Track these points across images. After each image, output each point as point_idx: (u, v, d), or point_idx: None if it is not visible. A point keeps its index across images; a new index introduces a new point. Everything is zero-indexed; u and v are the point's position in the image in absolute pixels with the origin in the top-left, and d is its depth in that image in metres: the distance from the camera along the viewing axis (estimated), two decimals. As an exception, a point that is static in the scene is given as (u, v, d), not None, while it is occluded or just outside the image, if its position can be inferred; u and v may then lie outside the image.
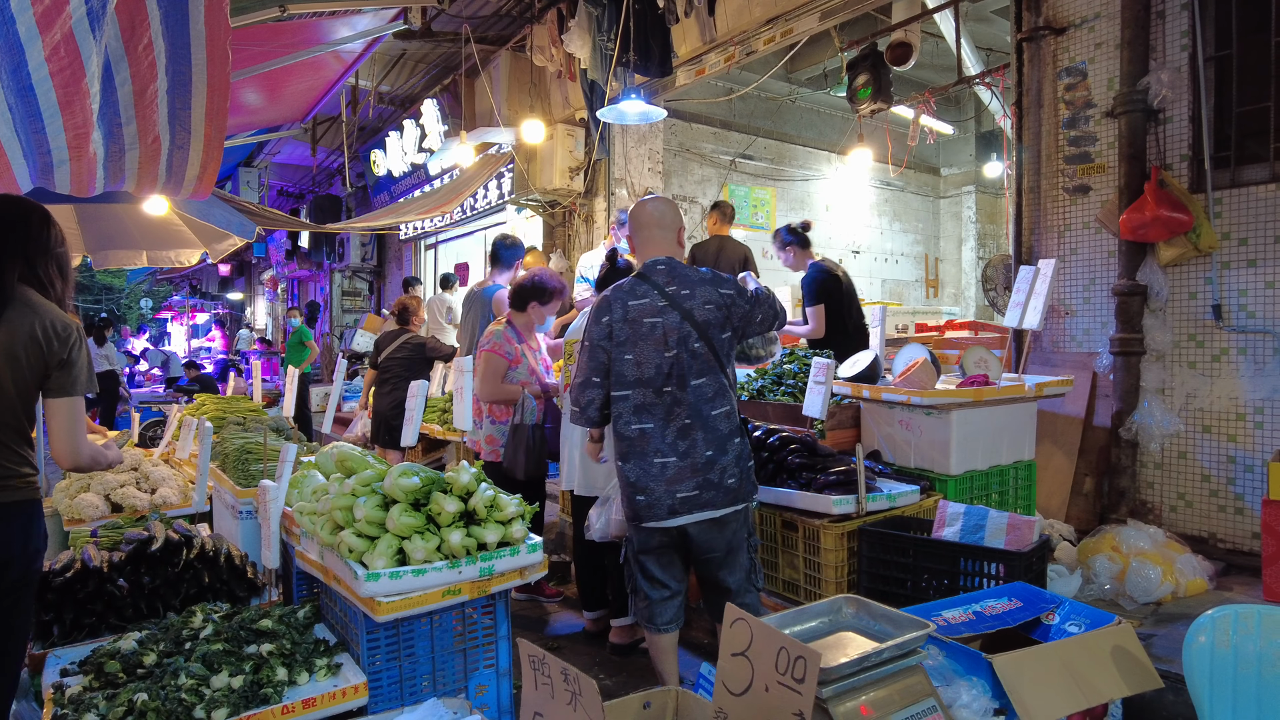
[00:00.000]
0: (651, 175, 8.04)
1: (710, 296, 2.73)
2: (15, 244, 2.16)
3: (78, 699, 2.02)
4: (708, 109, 8.67)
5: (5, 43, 1.94)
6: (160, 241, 5.69)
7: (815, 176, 10.26)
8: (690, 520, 2.70)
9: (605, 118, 5.88)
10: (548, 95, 8.18)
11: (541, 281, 4.15)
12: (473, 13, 8.04)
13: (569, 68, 7.36)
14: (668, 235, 2.87)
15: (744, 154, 9.46)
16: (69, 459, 2.15)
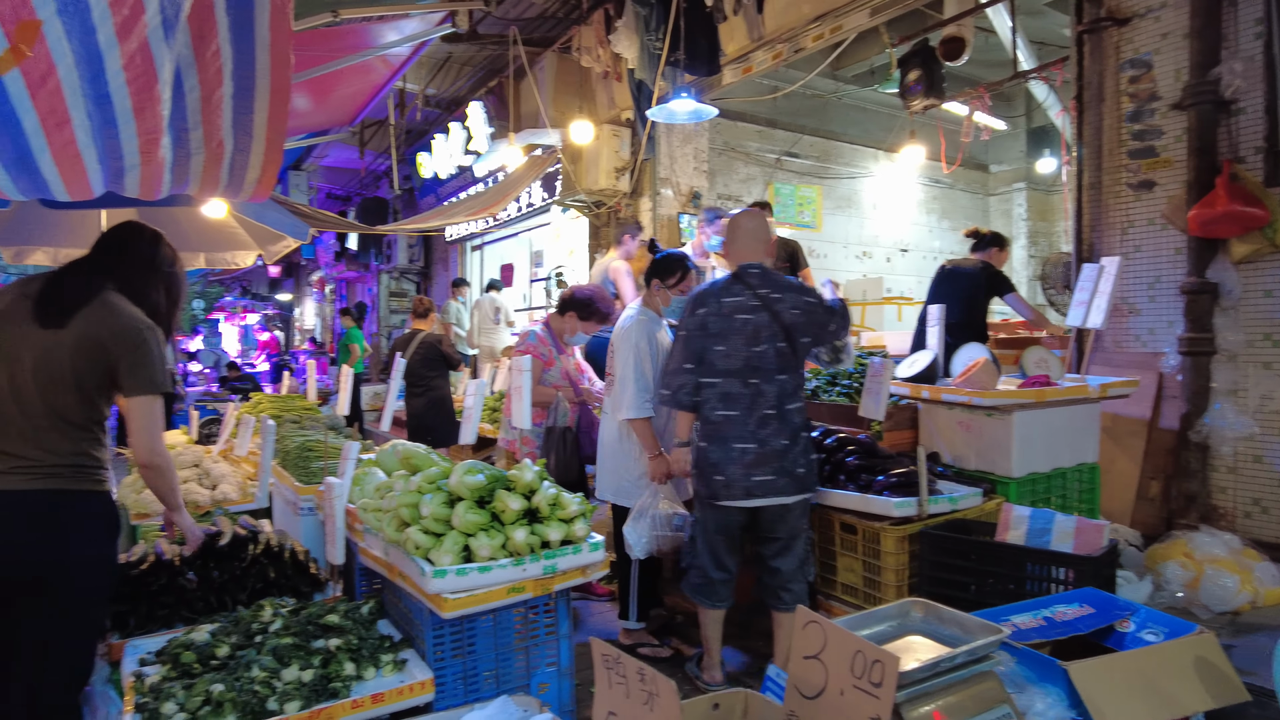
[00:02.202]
0: (697, 174, 8.01)
1: (796, 302, 3.02)
2: (114, 260, 2.34)
3: (157, 688, 2.07)
4: (752, 107, 8.62)
5: (86, 52, 1.99)
6: (217, 243, 5.82)
7: (862, 174, 10.15)
8: (763, 503, 2.99)
9: (655, 117, 5.87)
10: (593, 96, 8.21)
11: (590, 299, 4.14)
12: (519, 15, 8.09)
13: (615, 68, 7.37)
14: (760, 246, 3.17)
15: (789, 152, 9.39)
16: (143, 455, 2.22)
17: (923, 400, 3.80)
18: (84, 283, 2.23)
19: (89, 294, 2.20)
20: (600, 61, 7.40)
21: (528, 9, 8.04)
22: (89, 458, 2.19)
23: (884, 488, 3.20)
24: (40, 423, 2.11)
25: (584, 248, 8.68)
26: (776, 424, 3.00)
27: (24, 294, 2.20)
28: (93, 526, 2.18)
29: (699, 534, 3.17)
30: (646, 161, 7.73)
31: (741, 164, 9.05)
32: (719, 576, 3.14)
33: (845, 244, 10.03)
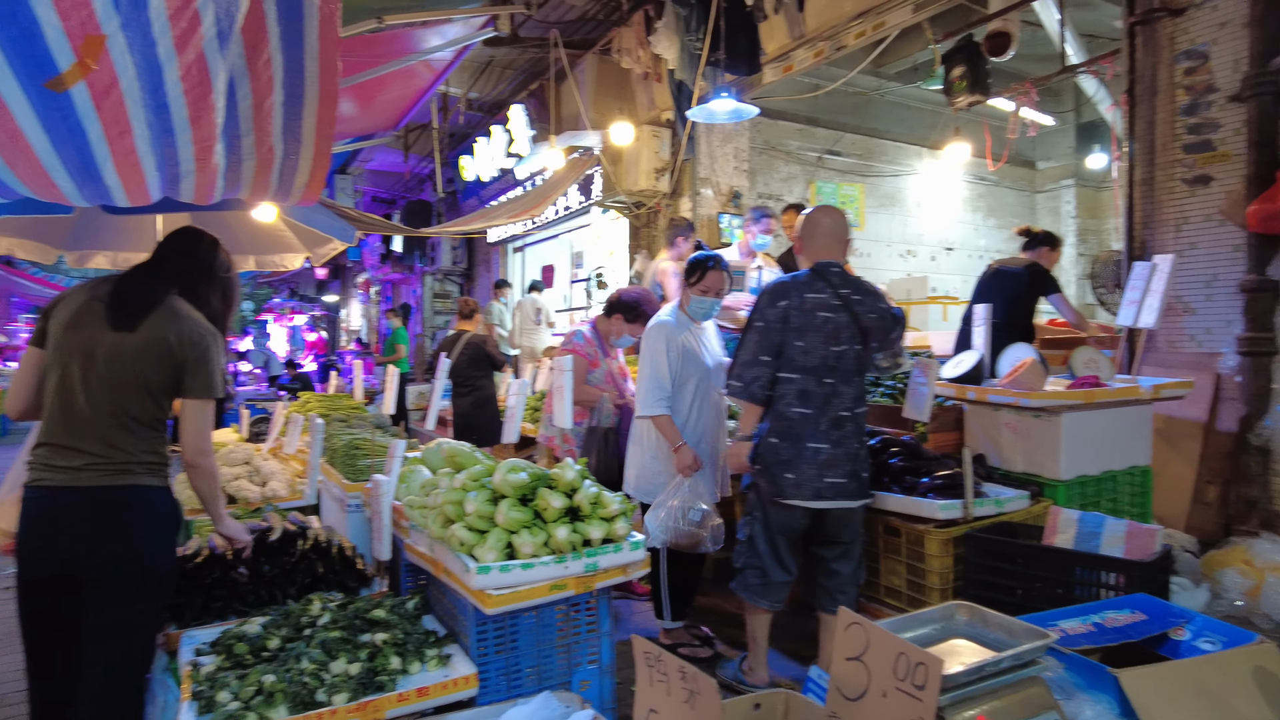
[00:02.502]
0: (737, 174, 7.99)
1: (873, 307, 3.04)
2: (176, 265, 2.43)
3: (212, 677, 2.14)
4: (793, 105, 8.55)
5: (146, 64, 2.06)
6: (266, 246, 5.96)
7: (905, 172, 10.01)
8: (831, 505, 2.98)
9: (695, 118, 5.87)
10: (633, 97, 8.23)
11: (636, 301, 4.15)
12: (559, 17, 8.15)
13: (655, 69, 7.39)
14: (839, 245, 3.12)
15: (831, 150, 9.30)
16: (190, 455, 2.31)
17: (968, 401, 3.75)
18: (150, 288, 2.32)
19: (156, 299, 2.29)
20: (640, 63, 7.42)
21: (568, 12, 8.09)
22: (155, 455, 2.29)
23: (928, 490, 3.16)
24: (110, 421, 2.21)
25: (624, 249, 8.71)
26: (851, 426, 3.00)
27: (94, 297, 2.29)
28: (159, 521, 2.28)
29: (758, 533, 3.13)
30: (687, 161, 7.73)
31: (782, 163, 8.99)
32: (780, 578, 3.12)
33: (889, 243, 9.91)
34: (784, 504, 3.02)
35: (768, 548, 3.11)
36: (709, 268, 3.54)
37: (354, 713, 2.04)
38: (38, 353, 2.30)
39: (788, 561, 3.12)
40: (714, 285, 3.54)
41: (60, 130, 2.13)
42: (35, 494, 2.20)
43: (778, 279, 3.15)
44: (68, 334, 2.25)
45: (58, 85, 1.96)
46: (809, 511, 3.01)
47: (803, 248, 3.19)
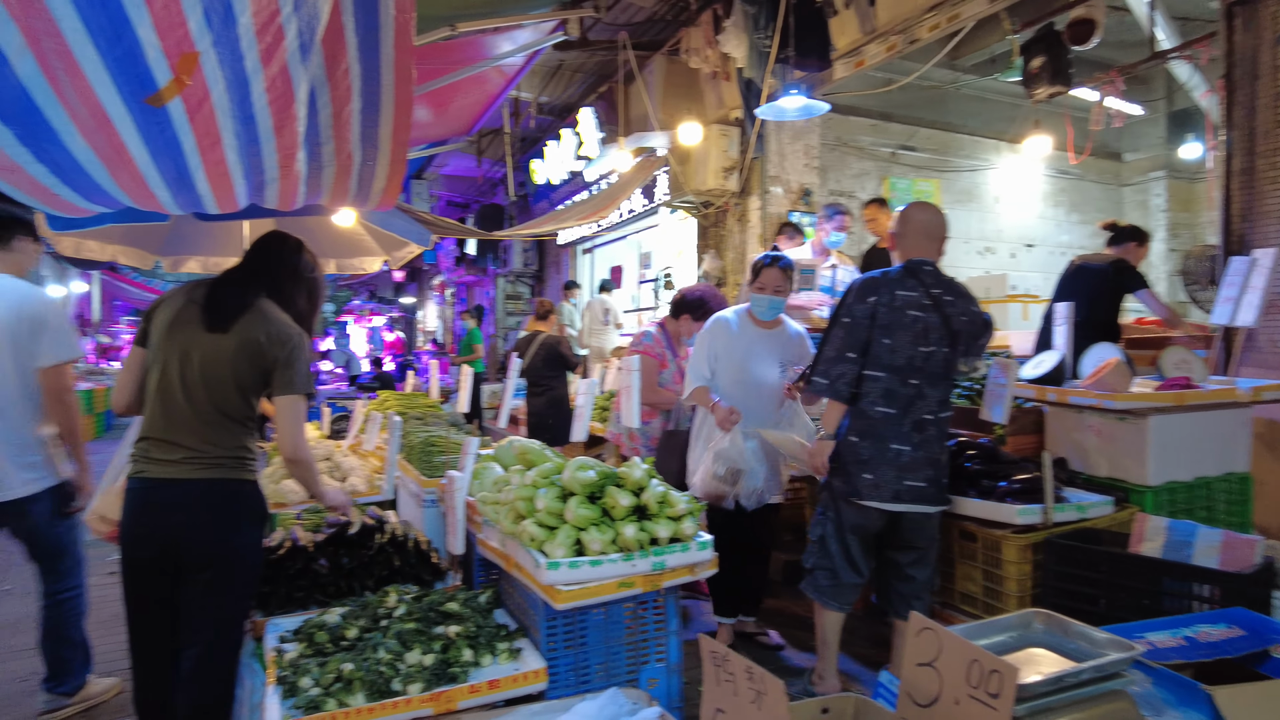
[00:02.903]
0: (807, 171, 7.89)
1: (966, 310, 2.98)
2: (264, 268, 2.55)
3: (295, 663, 2.23)
4: (865, 101, 8.40)
5: (235, 78, 2.16)
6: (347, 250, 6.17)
7: (983, 166, 9.72)
8: (908, 509, 2.93)
9: (764, 115, 5.83)
10: (701, 97, 8.21)
11: (702, 298, 4.16)
12: (628, 20, 8.20)
13: (724, 68, 7.36)
14: (934, 244, 3.06)
15: (905, 145, 9.10)
16: (288, 451, 2.43)
17: (1049, 403, 3.62)
18: (242, 290, 2.45)
19: (247, 302, 2.41)
20: (708, 62, 7.40)
21: (636, 14, 8.13)
22: (246, 450, 2.41)
23: (1006, 494, 3.07)
24: (206, 418, 2.34)
25: (692, 248, 8.70)
26: (934, 430, 2.95)
27: (191, 299, 2.43)
28: (249, 513, 2.40)
29: (830, 534, 3.09)
30: (756, 160, 7.67)
31: (854, 159, 8.84)
32: (851, 580, 3.08)
33: (966, 239, 9.63)
34: (859, 504, 2.97)
35: (839, 548, 3.06)
36: (764, 265, 3.58)
37: (427, 702, 2.10)
38: (140, 352, 2.45)
39: (860, 563, 3.06)
40: (769, 283, 3.56)
41: (158, 143, 2.25)
42: (137, 485, 2.34)
43: (868, 274, 3.08)
44: (167, 335, 2.39)
45: (156, 101, 2.08)
46: (884, 514, 2.95)
47: (896, 244, 3.12)
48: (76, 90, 1.96)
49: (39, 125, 2.06)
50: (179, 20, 1.87)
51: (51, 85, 1.94)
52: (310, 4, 2.06)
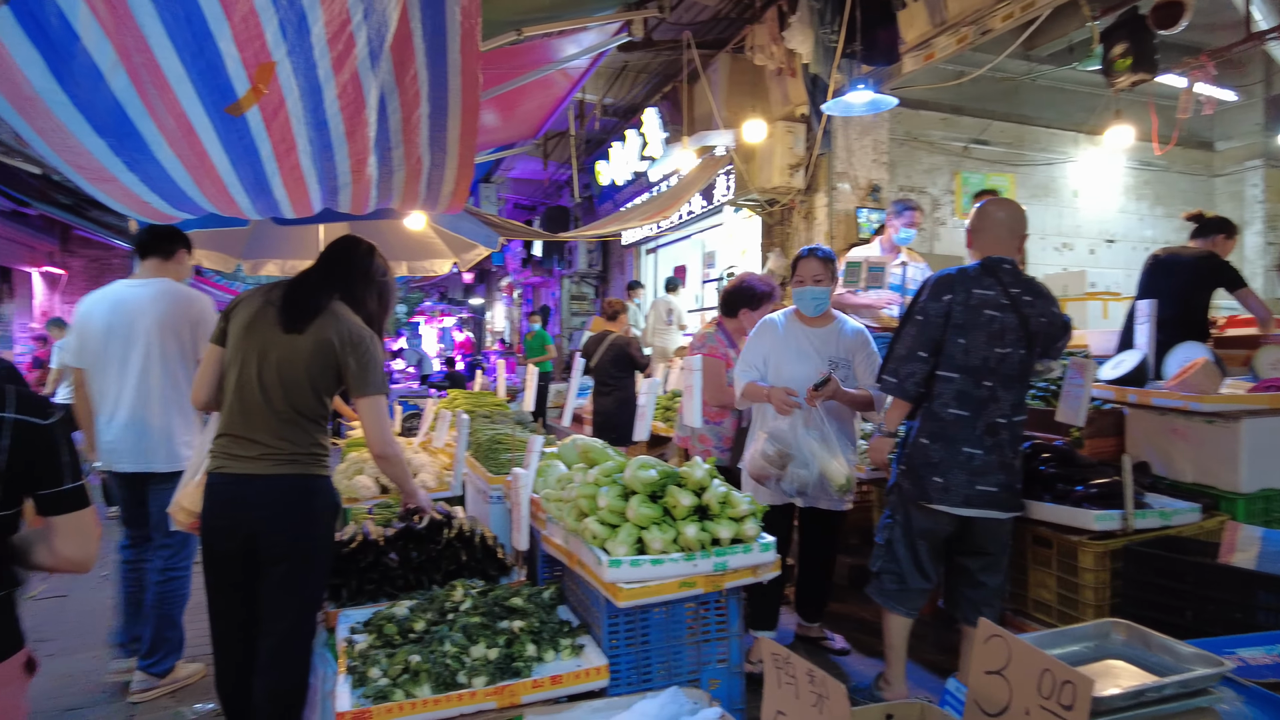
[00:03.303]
0: (876, 167, 7.74)
1: (1045, 311, 2.88)
2: (338, 271, 2.63)
3: (365, 654, 2.30)
4: (935, 94, 8.18)
5: (308, 85, 2.23)
6: (417, 252, 6.33)
7: (1060, 160, 9.37)
8: (979, 514, 2.85)
9: (831, 111, 5.74)
10: (766, 94, 8.14)
11: (750, 286, 4.12)
12: (692, 19, 8.18)
13: (789, 64, 7.28)
14: (1013, 241, 2.97)
15: (977, 139, 8.84)
16: (376, 448, 2.54)
17: (1129, 405, 3.47)
18: (316, 293, 2.54)
19: (321, 305, 2.50)
20: (774, 59, 7.33)
21: (700, 12, 8.11)
22: (320, 447, 2.50)
23: (1083, 499, 2.95)
24: (282, 416, 2.44)
25: (756, 247, 8.63)
26: (1007, 434, 2.86)
27: (268, 301, 2.53)
28: (322, 507, 2.50)
29: (898, 538, 3.04)
30: (822, 156, 7.56)
31: (925, 154, 8.63)
32: (919, 585, 3.02)
33: (1043, 235, 9.31)
34: (928, 508, 2.91)
35: (907, 553, 3.01)
36: (800, 257, 3.51)
37: (491, 695, 2.14)
38: (218, 350, 2.56)
39: (928, 568, 3.00)
40: (807, 274, 3.46)
41: (238, 150, 2.35)
42: (217, 480, 2.45)
43: (943, 271, 3.00)
44: (245, 335, 2.49)
45: (235, 110, 2.17)
46: (954, 518, 2.88)
47: (973, 240, 3.04)
48: (164, 102, 2.06)
49: (131, 136, 2.17)
50: (256, 32, 1.95)
51: (142, 98, 2.05)
52: (379, 12, 2.12)
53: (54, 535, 1.64)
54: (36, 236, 13.15)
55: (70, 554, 1.66)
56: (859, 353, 3.49)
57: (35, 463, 1.60)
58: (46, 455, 1.62)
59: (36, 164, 8.14)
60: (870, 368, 3.41)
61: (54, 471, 1.63)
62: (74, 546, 1.65)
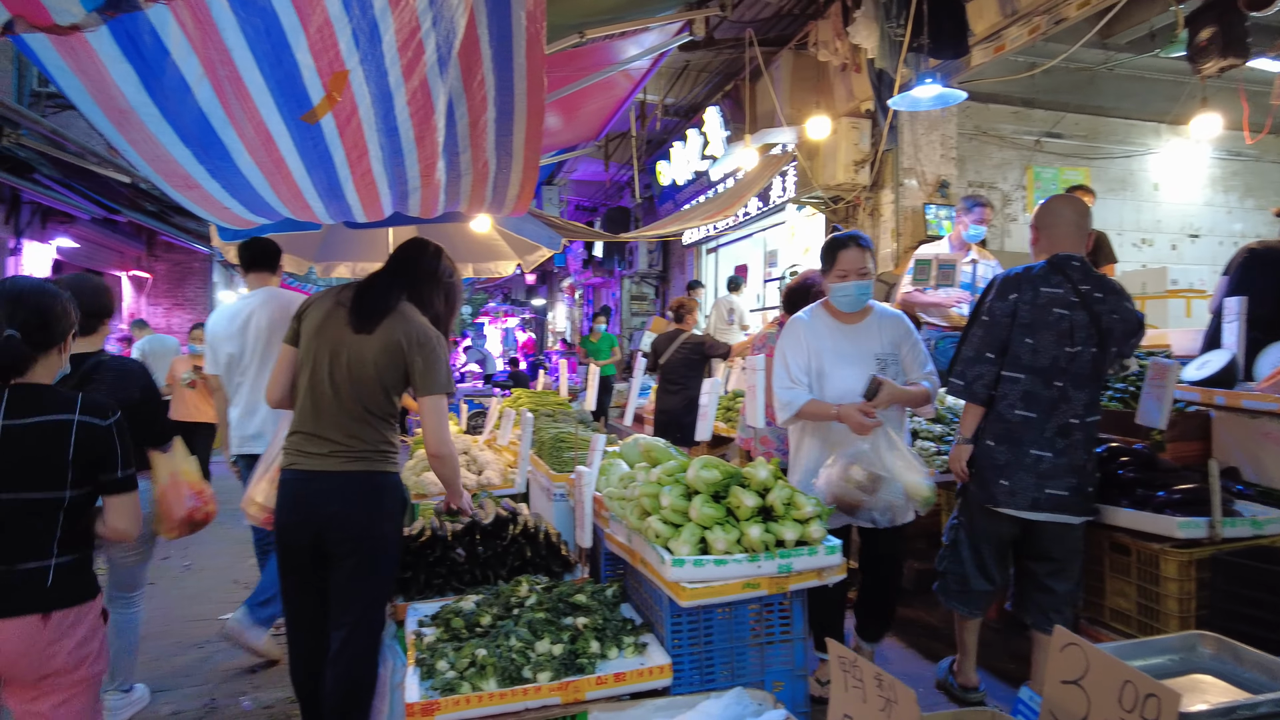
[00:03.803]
0: (944, 162, 7.57)
1: (1117, 307, 2.78)
2: (407, 272, 2.70)
3: (433, 647, 2.35)
4: (1006, 87, 7.95)
5: (380, 92, 2.29)
6: (482, 254, 6.43)
7: (1139, 151, 9.00)
8: (1047, 518, 2.78)
9: (897, 106, 5.63)
10: (830, 90, 8.03)
11: (813, 283, 4.06)
12: (754, 16, 8.13)
13: (854, 60, 7.17)
14: (1080, 237, 2.89)
15: (1050, 132, 8.56)
16: (433, 446, 2.59)
17: (1216, 407, 3.30)
18: (385, 294, 2.60)
19: (390, 306, 2.56)
20: (838, 54, 7.23)
21: (763, 10, 8.05)
22: (388, 444, 2.57)
23: (1165, 504, 2.83)
24: (352, 413, 2.51)
25: (819, 245, 8.53)
26: (1080, 435, 2.77)
27: (339, 301, 2.61)
28: (391, 503, 2.56)
29: (962, 539, 3.00)
30: (888, 152, 7.43)
31: (995, 148, 8.39)
32: (981, 587, 2.97)
33: (1120, 230, 8.95)
34: (993, 511, 2.84)
35: (970, 554, 2.96)
36: (839, 246, 3.03)
37: (556, 691, 2.17)
38: (291, 350, 2.65)
39: (992, 571, 2.95)
40: (851, 266, 3.00)
41: (312, 157, 2.43)
42: (290, 476, 2.54)
43: (1010, 270, 2.92)
44: (317, 335, 2.57)
45: (311, 117, 2.24)
46: (1019, 521, 2.82)
47: (1038, 238, 2.95)
48: (245, 112, 2.15)
49: (214, 145, 2.26)
50: (331, 42, 2.01)
51: (224, 109, 2.13)
52: (448, 19, 2.16)
53: (108, 511, 2.07)
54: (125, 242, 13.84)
55: (117, 525, 2.08)
56: (904, 343, 3.11)
57: (96, 454, 1.99)
58: (105, 449, 2.00)
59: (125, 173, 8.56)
60: (918, 358, 3.11)
61: (111, 462, 2.02)
62: (122, 520, 2.08)
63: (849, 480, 2.76)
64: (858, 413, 2.83)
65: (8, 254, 9.93)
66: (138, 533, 2.14)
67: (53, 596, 1.94)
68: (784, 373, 3.03)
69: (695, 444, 3.90)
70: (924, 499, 2.81)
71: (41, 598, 1.92)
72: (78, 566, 2.02)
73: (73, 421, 1.96)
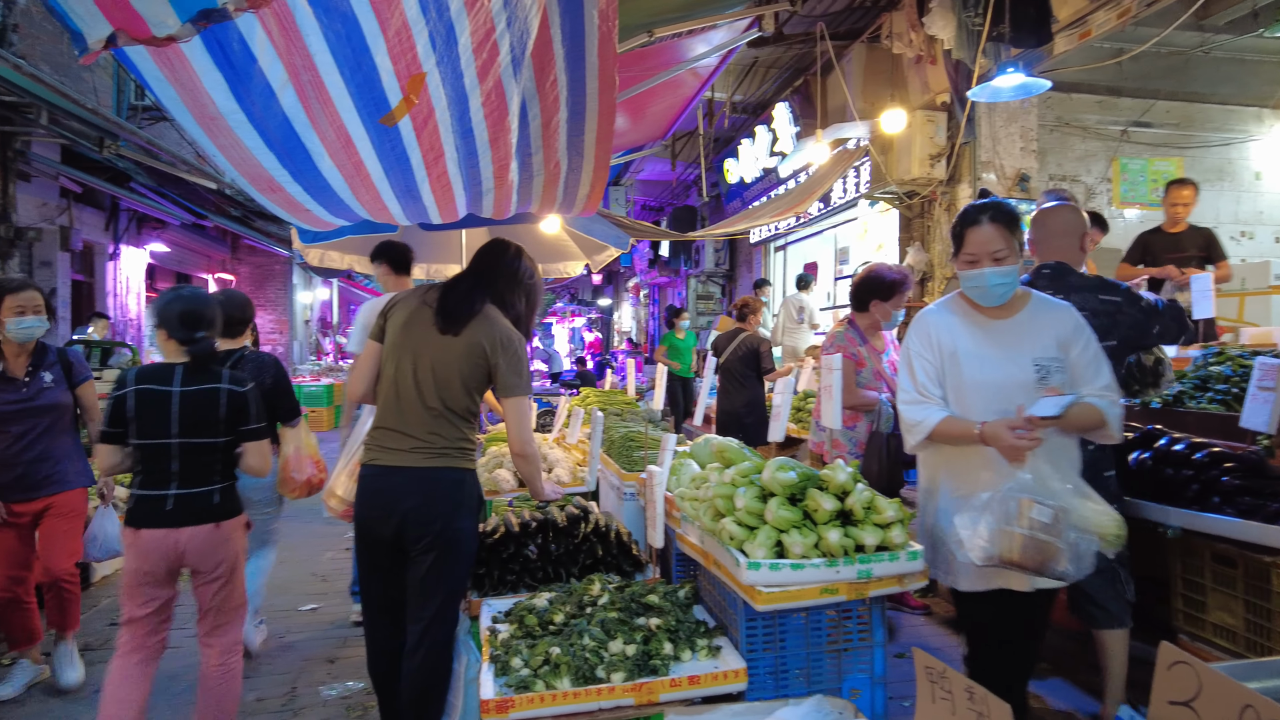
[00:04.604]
0: (1024, 155, 7.30)
1: (1087, 303, 2.67)
2: (490, 274, 2.73)
3: (507, 644, 2.37)
4: (1090, 76, 7.60)
5: (455, 94, 2.31)
6: (551, 255, 6.49)
7: (1239, 139, 8.50)
8: None
9: (977, 97, 5.46)
10: (904, 83, 7.83)
11: (879, 275, 3.95)
12: (824, 10, 7.98)
13: (929, 51, 6.98)
14: (1070, 244, 2.90)
15: (1138, 121, 8.15)
16: (517, 447, 2.64)
17: (1332, 410, 3.08)
18: (470, 298, 2.64)
19: (475, 309, 2.60)
20: (912, 46, 7.04)
21: (833, 3, 7.90)
22: (468, 441, 2.61)
23: (1277, 514, 2.65)
24: (434, 411, 2.55)
25: (893, 242, 8.32)
26: None
27: (424, 302, 2.66)
28: (469, 500, 2.60)
29: None
30: (965, 145, 7.20)
31: (1078, 140, 8.04)
32: None
33: (1218, 223, 8.44)
34: None
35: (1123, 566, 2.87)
36: (967, 224, 2.35)
37: (630, 692, 2.15)
38: (376, 346, 2.71)
39: None
40: (982, 248, 2.29)
41: (390, 159, 2.47)
42: (371, 471, 2.59)
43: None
44: (402, 333, 2.62)
45: (389, 120, 2.28)
46: None
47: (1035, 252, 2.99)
48: (326, 115, 2.19)
49: (296, 149, 2.32)
50: (409, 45, 2.03)
51: (307, 113, 2.18)
52: (521, 20, 2.16)
53: (245, 453, 2.84)
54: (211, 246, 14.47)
55: (251, 464, 2.85)
56: (1073, 344, 2.35)
57: (237, 412, 2.79)
58: (243, 408, 2.80)
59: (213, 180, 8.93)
60: (1095, 363, 2.34)
61: (246, 417, 2.80)
62: (255, 459, 2.85)
63: (1031, 524, 2.02)
64: (1009, 431, 2.11)
65: (108, 259, 10.48)
66: (267, 471, 2.90)
67: (219, 511, 2.76)
68: (909, 382, 2.40)
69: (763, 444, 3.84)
70: (1114, 537, 2.09)
71: (214, 511, 2.74)
72: (230, 490, 2.83)
73: (221, 390, 2.76)
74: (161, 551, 2.66)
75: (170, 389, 2.71)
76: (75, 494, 3.64)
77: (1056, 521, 2.02)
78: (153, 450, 2.68)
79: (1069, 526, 2.02)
